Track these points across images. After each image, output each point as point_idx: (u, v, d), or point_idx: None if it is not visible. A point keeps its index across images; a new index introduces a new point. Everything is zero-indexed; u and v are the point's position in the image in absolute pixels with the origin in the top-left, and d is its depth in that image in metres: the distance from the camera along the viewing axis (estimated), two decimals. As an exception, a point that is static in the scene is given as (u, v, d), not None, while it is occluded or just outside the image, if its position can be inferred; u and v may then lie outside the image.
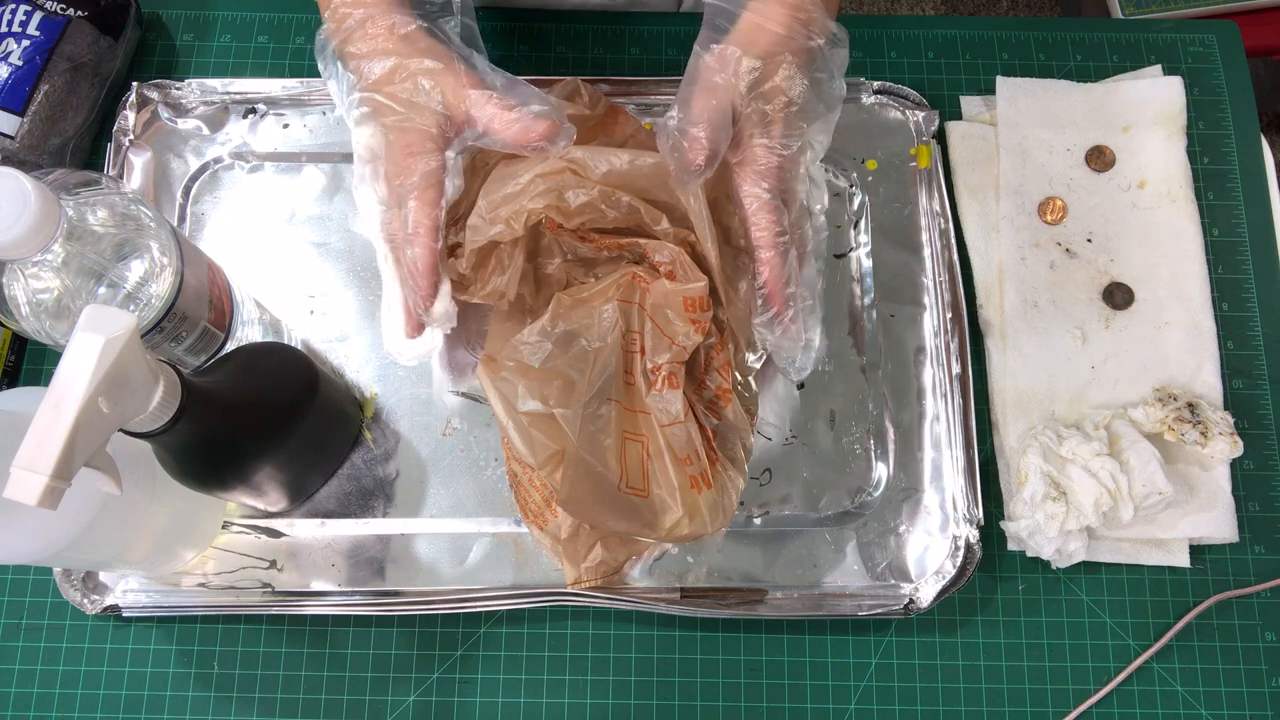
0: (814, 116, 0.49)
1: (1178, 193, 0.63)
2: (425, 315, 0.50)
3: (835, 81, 0.49)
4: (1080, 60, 0.68)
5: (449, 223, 0.56)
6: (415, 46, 0.48)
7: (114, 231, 0.48)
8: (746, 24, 0.47)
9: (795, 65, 0.47)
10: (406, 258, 0.49)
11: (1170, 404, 0.57)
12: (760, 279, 0.50)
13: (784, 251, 0.49)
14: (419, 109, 0.48)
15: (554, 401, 0.50)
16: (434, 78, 0.47)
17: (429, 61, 0.48)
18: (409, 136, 0.48)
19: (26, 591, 0.57)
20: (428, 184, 0.48)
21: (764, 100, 0.47)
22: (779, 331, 0.51)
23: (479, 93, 0.47)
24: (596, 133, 0.59)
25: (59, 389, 0.36)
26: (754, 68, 0.46)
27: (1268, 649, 0.57)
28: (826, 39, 0.48)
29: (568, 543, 0.54)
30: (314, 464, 0.56)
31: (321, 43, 0.51)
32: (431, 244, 0.49)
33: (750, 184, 0.48)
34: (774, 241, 0.49)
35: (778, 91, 0.47)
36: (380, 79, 0.48)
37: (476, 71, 0.48)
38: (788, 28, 0.47)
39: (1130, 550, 0.58)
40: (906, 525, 0.57)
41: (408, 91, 0.48)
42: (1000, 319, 0.61)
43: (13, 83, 0.58)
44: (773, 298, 0.50)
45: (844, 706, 0.56)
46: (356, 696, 0.56)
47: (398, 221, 0.49)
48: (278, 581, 0.56)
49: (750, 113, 0.47)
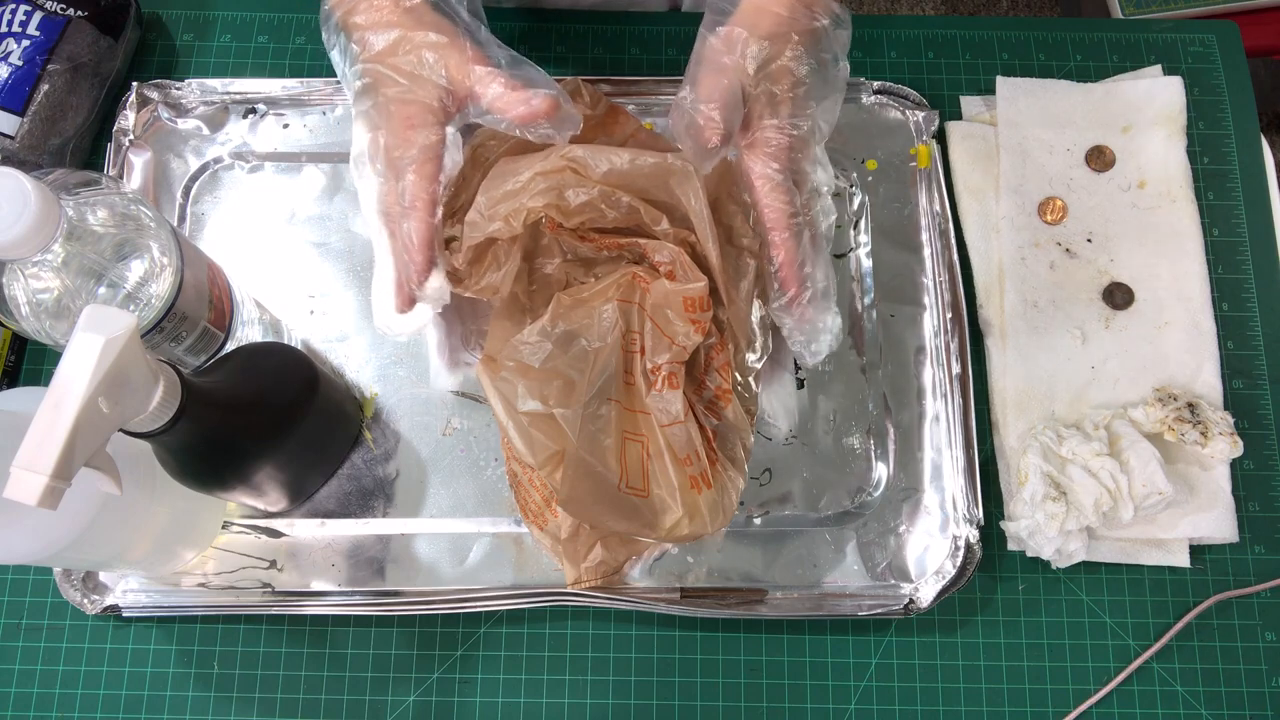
0: (820, 97, 0.48)
1: (1178, 193, 0.63)
2: (418, 290, 0.50)
3: (840, 63, 0.49)
4: (1080, 60, 0.68)
5: (445, 215, 0.56)
6: (420, 19, 0.48)
7: (114, 231, 0.48)
8: (749, 6, 0.47)
9: (801, 46, 0.47)
10: (403, 231, 0.48)
11: (1170, 404, 0.57)
12: (775, 262, 0.49)
13: (798, 232, 0.49)
14: (421, 82, 0.47)
15: (554, 401, 0.50)
16: (438, 51, 0.47)
17: (434, 35, 0.47)
18: (410, 109, 0.47)
19: (26, 591, 0.57)
20: (427, 157, 0.48)
21: (772, 81, 0.47)
22: (796, 314, 0.50)
23: (484, 69, 0.47)
24: (596, 133, 0.59)
25: (59, 389, 0.36)
26: (761, 48, 0.46)
27: (1268, 649, 0.57)
28: (830, 19, 0.48)
29: (568, 543, 0.54)
30: (314, 464, 0.56)
31: (326, 12, 0.50)
32: (428, 217, 0.48)
33: (761, 165, 0.48)
34: (788, 223, 0.48)
35: (785, 72, 0.47)
36: (383, 51, 0.48)
37: (482, 47, 0.48)
38: (790, 9, 0.47)
39: (1130, 550, 0.58)
40: (906, 525, 0.57)
41: (411, 64, 0.47)
42: (1000, 319, 0.61)
43: (13, 83, 0.58)
44: (788, 280, 0.50)
45: (844, 706, 0.56)
46: (356, 696, 0.56)
47: (394, 194, 0.48)
48: (278, 581, 0.56)
49: (759, 94, 0.47)
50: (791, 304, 0.50)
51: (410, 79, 0.47)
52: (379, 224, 0.50)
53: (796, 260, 0.49)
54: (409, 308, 0.51)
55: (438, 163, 0.48)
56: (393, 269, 0.50)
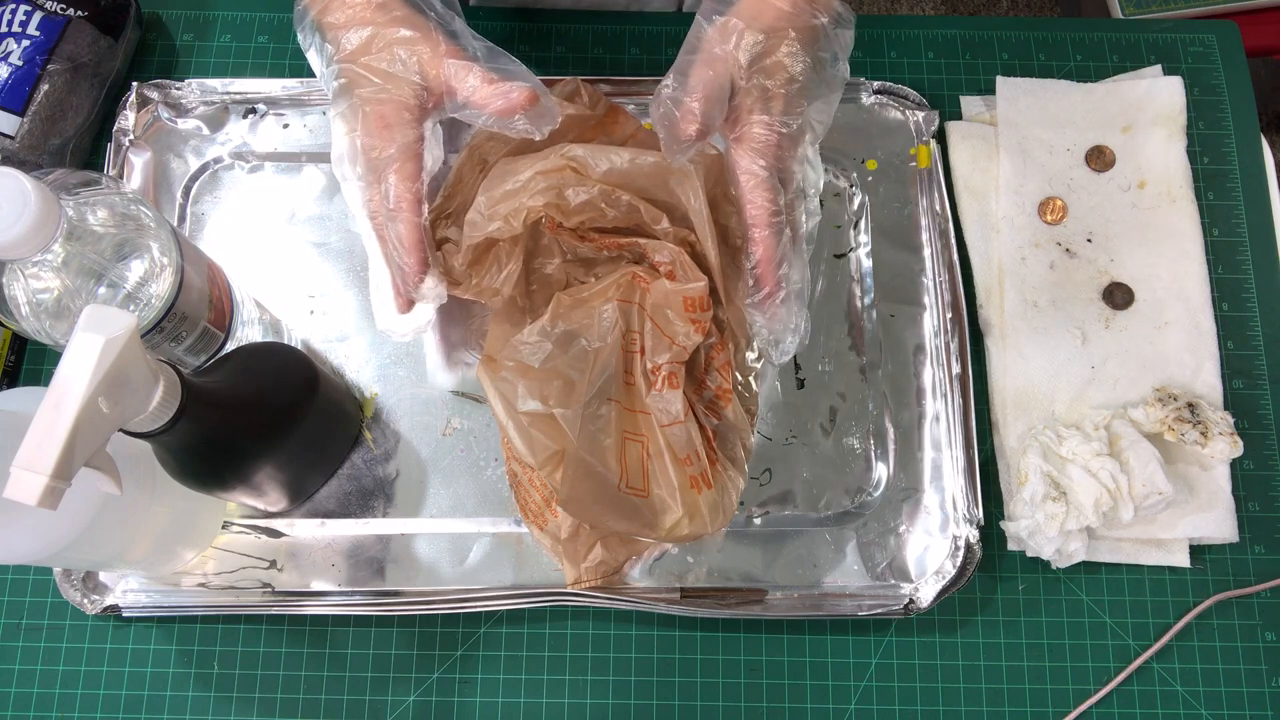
0: (815, 96, 0.48)
1: (1178, 193, 0.63)
2: (414, 291, 0.50)
3: (839, 63, 0.49)
4: (1080, 60, 0.68)
5: (439, 215, 0.56)
6: (391, 15, 0.47)
7: (114, 231, 0.48)
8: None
9: (799, 42, 0.46)
10: (391, 235, 0.48)
11: (1170, 404, 0.57)
12: (753, 258, 0.49)
13: (778, 231, 0.48)
14: (395, 80, 0.47)
15: (554, 401, 0.50)
16: (410, 47, 0.47)
17: (405, 30, 0.47)
18: (385, 108, 0.47)
19: (26, 591, 0.57)
20: (406, 157, 0.47)
21: (765, 75, 0.46)
22: (768, 313, 0.50)
23: (459, 63, 0.47)
24: (596, 133, 0.59)
25: (59, 389, 0.36)
26: (756, 41, 0.46)
27: (1268, 649, 0.57)
28: (831, 18, 0.47)
29: (568, 543, 0.54)
30: (314, 464, 0.56)
31: (300, 12, 0.50)
32: (415, 218, 0.48)
33: (747, 160, 0.47)
34: (769, 220, 0.48)
35: (780, 67, 0.46)
36: (356, 50, 0.47)
37: (457, 39, 0.47)
38: (793, 4, 0.46)
39: (1130, 550, 0.58)
40: (906, 525, 0.57)
41: (384, 62, 0.47)
42: (1000, 319, 0.61)
43: (13, 83, 0.58)
44: (764, 278, 0.49)
45: (844, 706, 0.56)
46: (356, 696, 0.56)
47: (378, 197, 0.48)
48: (278, 581, 0.56)
49: (750, 87, 0.46)
50: (764, 301, 0.50)
51: (384, 77, 0.47)
52: (368, 227, 0.49)
53: (774, 259, 0.48)
54: (408, 309, 0.51)
55: (418, 161, 0.47)
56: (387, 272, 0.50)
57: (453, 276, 0.53)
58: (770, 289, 0.49)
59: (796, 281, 0.50)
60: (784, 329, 0.50)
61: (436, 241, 0.53)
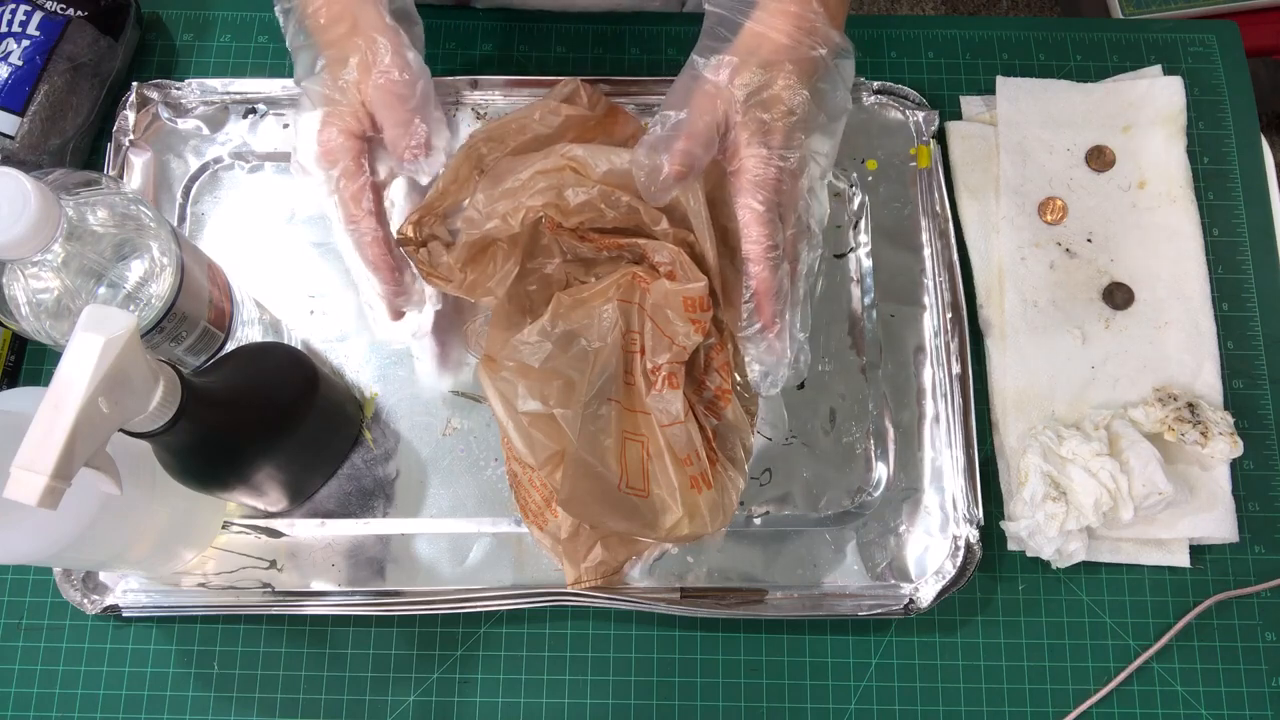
0: (814, 128, 0.48)
1: (1178, 193, 0.63)
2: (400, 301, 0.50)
3: (838, 93, 0.48)
4: (1080, 60, 0.68)
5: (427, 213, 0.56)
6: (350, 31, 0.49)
7: (114, 231, 0.48)
8: (749, 33, 0.46)
9: (796, 75, 0.46)
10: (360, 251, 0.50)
11: (1170, 404, 0.57)
12: (749, 292, 0.49)
13: (775, 266, 0.48)
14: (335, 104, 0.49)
15: (554, 401, 0.50)
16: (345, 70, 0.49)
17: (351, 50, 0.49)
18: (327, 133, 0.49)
19: (26, 591, 0.57)
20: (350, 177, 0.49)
21: (762, 109, 0.46)
22: (763, 345, 0.50)
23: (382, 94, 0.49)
24: (596, 133, 0.59)
25: (59, 389, 0.36)
26: (753, 76, 0.45)
27: (1268, 649, 0.57)
28: (830, 50, 0.47)
29: (568, 543, 0.54)
30: (314, 464, 0.56)
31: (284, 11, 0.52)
32: (375, 233, 0.49)
33: (745, 195, 0.47)
34: (764, 256, 0.48)
35: (777, 100, 0.46)
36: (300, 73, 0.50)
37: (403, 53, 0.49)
38: (791, 36, 0.46)
39: (1130, 550, 0.58)
40: (906, 525, 0.57)
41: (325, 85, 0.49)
42: (1000, 319, 0.61)
43: (13, 83, 0.58)
44: (761, 311, 0.49)
45: (844, 706, 0.56)
46: (356, 696, 0.56)
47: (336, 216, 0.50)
48: (278, 581, 0.56)
49: (747, 120, 0.46)
50: (760, 334, 0.50)
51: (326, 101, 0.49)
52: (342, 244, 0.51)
53: (771, 293, 0.48)
54: (398, 317, 0.51)
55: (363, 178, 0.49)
56: None
57: (440, 273, 0.53)
58: (765, 323, 0.49)
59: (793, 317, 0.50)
60: (778, 362, 0.51)
61: (423, 239, 0.54)
